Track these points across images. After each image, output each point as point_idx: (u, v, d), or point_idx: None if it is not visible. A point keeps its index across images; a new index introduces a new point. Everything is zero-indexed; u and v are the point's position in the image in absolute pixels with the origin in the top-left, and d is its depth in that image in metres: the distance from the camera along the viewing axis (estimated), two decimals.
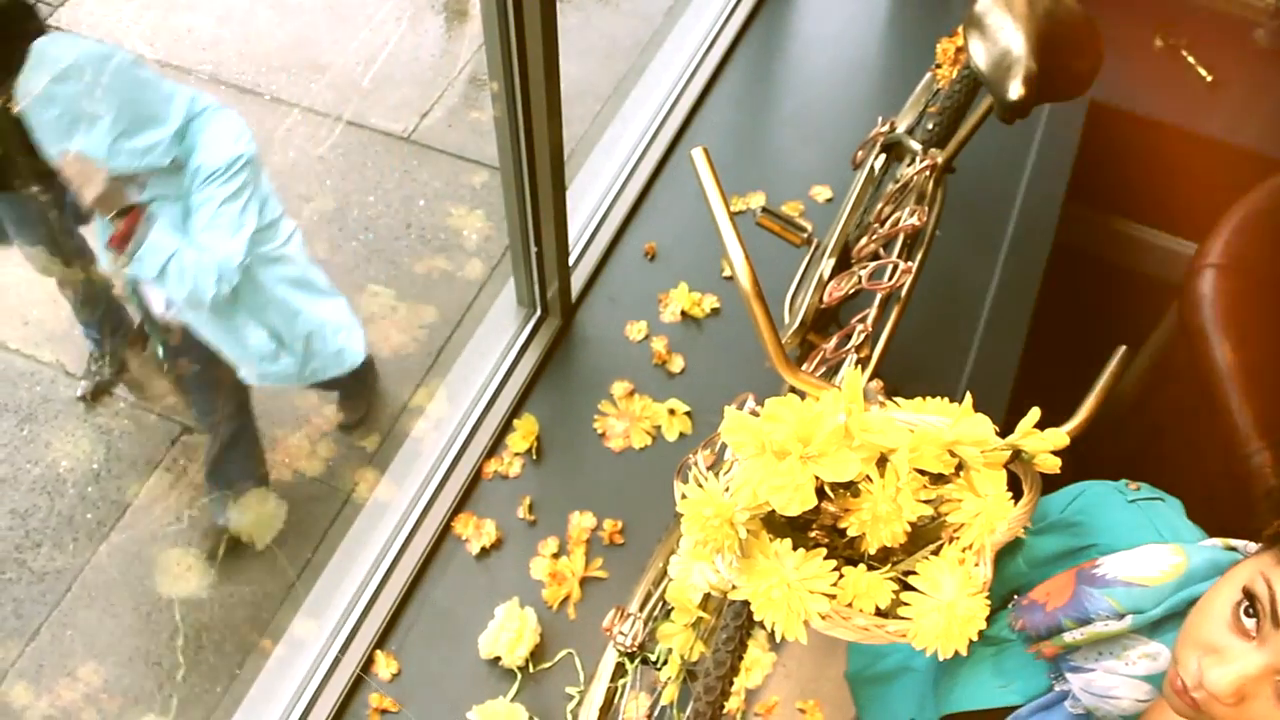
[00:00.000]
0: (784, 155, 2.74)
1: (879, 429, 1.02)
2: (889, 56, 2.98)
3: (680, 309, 2.38)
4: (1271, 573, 0.87)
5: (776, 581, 1.05)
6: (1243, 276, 2.23)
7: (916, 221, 1.65)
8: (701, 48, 2.90)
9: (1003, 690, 1.16)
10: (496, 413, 2.25)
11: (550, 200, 2.11)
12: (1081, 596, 1.10)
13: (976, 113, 1.80)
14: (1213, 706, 0.91)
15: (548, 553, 2.11)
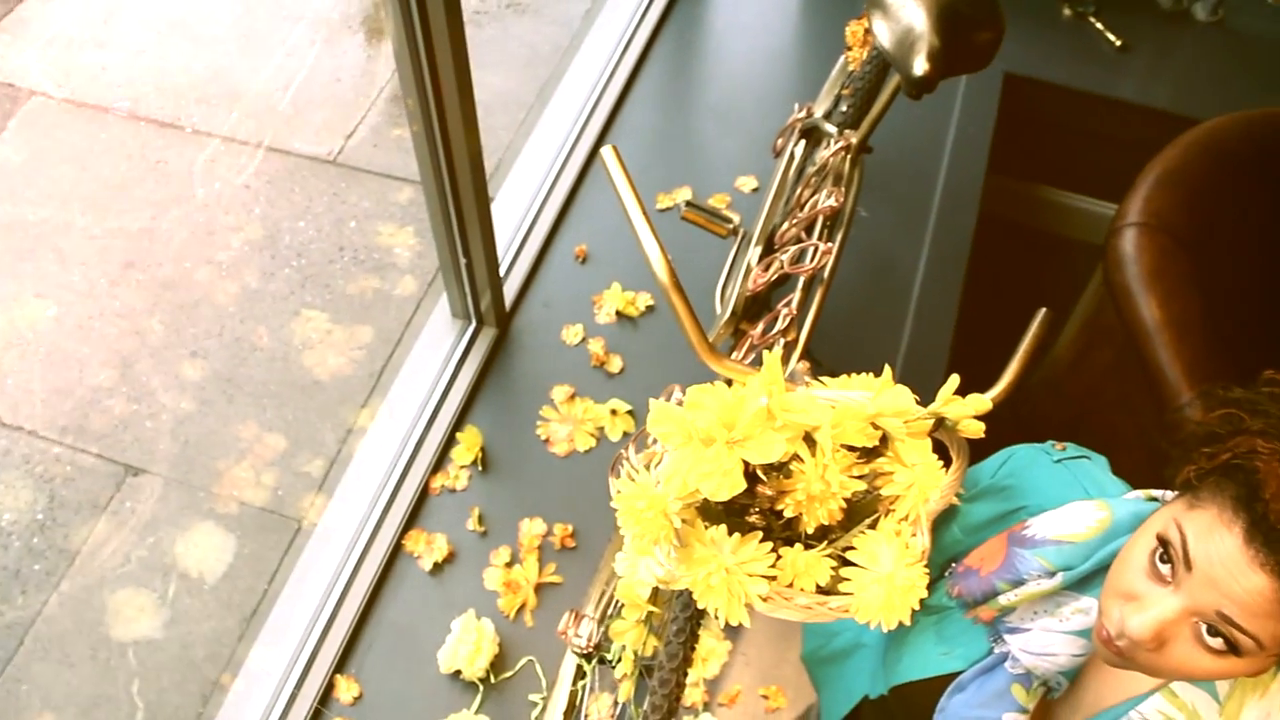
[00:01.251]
0: (707, 148, 2.76)
1: (801, 408, 1.03)
2: (805, 43, 3.01)
3: (615, 309, 2.39)
4: (1183, 518, 0.89)
5: (714, 568, 1.06)
6: (1163, 233, 2.26)
7: (834, 203, 1.66)
8: (617, 49, 2.91)
9: (945, 657, 1.18)
10: (439, 427, 2.25)
11: (475, 212, 2.11)
12: (1013, 558, 1.11)
13: (886, 91, 1.82)
14: (1137, 653, 0.93)
15: (500, 562, 2.11)
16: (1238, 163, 2.37)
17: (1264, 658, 0.88)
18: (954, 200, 2.63)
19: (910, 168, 2.70)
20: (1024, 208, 3.18)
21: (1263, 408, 0.89)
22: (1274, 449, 0.85)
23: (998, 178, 2.76)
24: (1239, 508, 0.84)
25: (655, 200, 2.63)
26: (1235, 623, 0.85)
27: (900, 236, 2.57)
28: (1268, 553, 0.82)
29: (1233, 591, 0.84)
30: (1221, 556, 0.85)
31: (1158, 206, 2.29)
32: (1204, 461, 0.90)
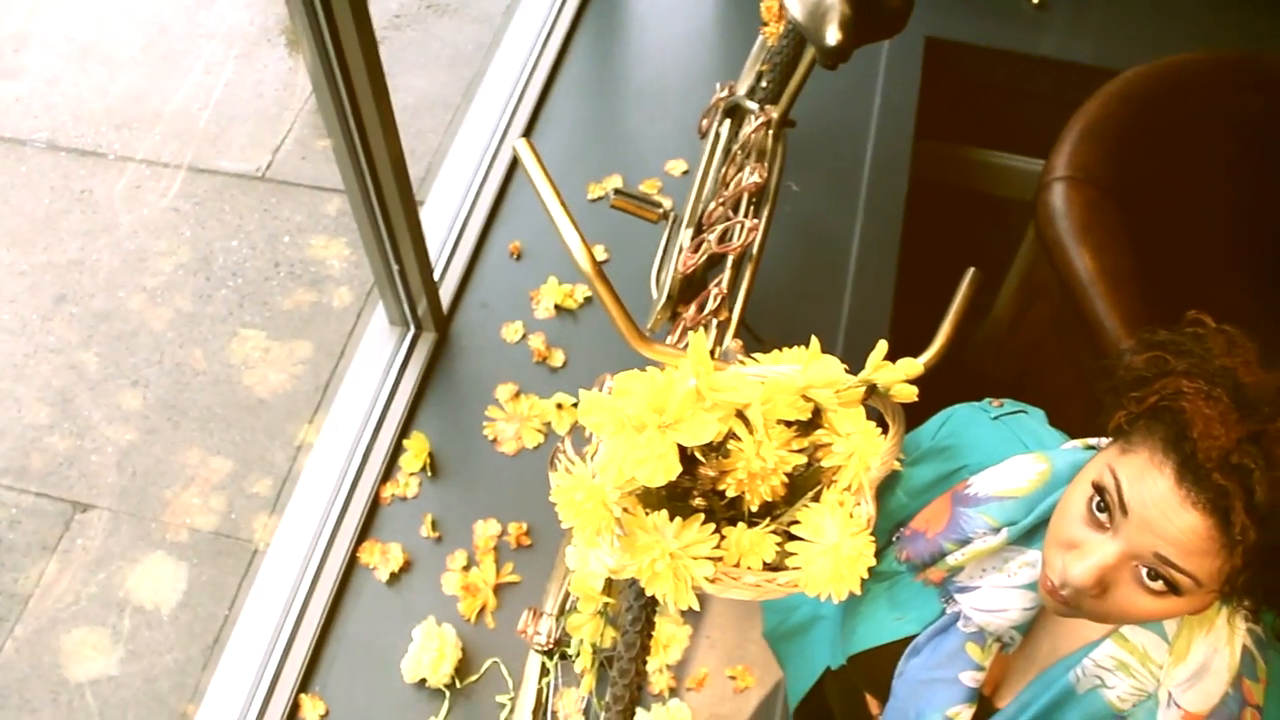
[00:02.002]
0: (636, 135, 2.75)
1: (730, 387, 1.02)
2: (725, 23, 3.00)
3: (553, 303, 2.38)
4: (1116, 464, 0.90)
5: (658, 554, 1.05)
6: (1090, 185, 2.28)
7: (758, 179, 1.66)
8: (538, 42, 2.89)
9: (899, 622, 1.18)
10: (385, 436, 2.23)
11: (403, 219, 2.10)
12: (958, 518, 1.12)
13: (803, 64, 1.82)
14: (1081, 600, 0.93)
15: (457, 566, 2.09)
16: (1157, 111, 2.39)
17: (1204, 595, 0.89)
18: (884, 168, 2.64)
19: (838, 139, 2.71)
20: (954, 170, 3.20)
21: (1186, 348, 0.90)
22: (1198, 388, 0.85)
23: (926, 142, 2.77)
24: (1169, 449, 0.85)
25: (586, 190, 2.61)
26: (1173, 563, 0.86)
27: (833, 208, 2.58)
28: (1199, 491, 0.82)
29: (1168, 532, 0.84)
30: (1155, 498, 0.85)
31: (1083, 159, 2.31)
32: (1133, 406, 0.90)
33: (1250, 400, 0.83)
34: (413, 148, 3.26)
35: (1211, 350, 0.88)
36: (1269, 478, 0.80)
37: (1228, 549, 0.82)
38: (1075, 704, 1.06)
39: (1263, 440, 0.81)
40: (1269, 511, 0.80)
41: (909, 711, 1.16)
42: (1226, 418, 0.82)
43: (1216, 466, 0.81)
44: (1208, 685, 1.01)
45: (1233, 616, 1.02)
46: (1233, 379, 0.85)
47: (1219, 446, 0.81)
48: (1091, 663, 1.05)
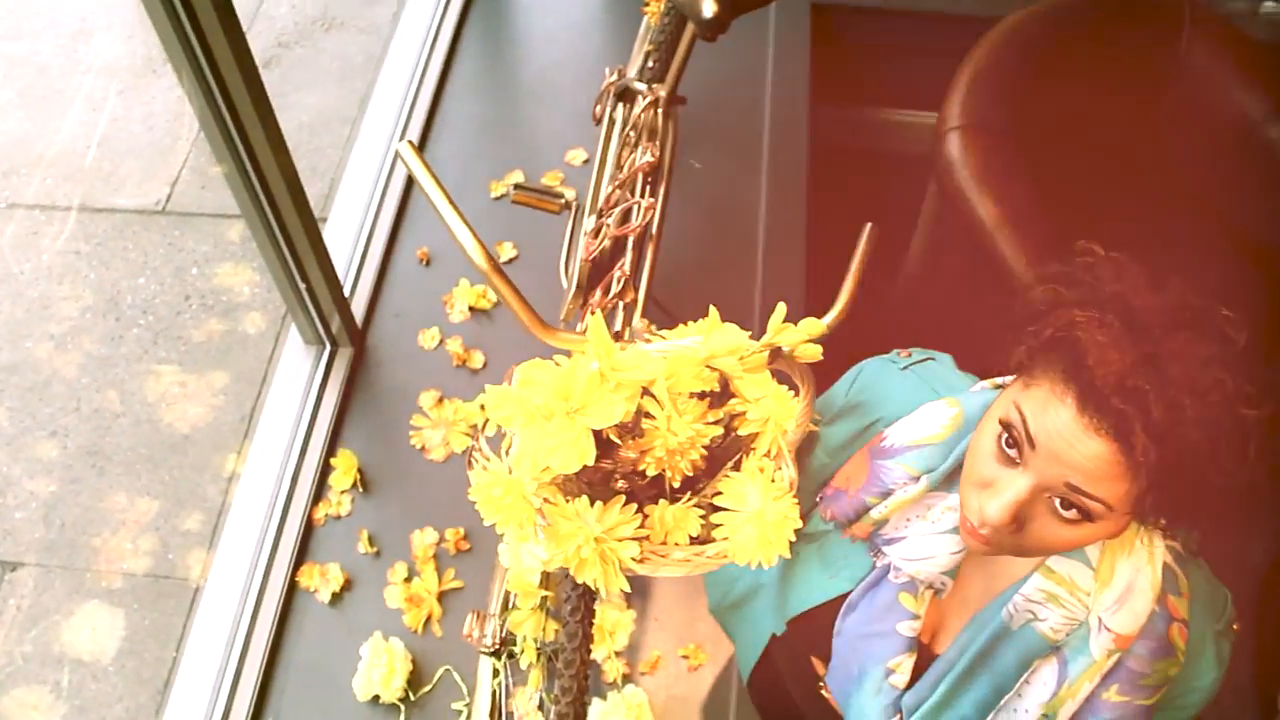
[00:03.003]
0: (534, 129, 2.73)
1: (633, 365, 1.02)
2: (612, 8, 2.99)
3: (467, 305, 2.36)
4: (1020, 399, 0.91)
5: (582, 540, 1.05)
6: (985, 132, 2.31)
7: (651, 158, 1.66)
8: (425, 46, 2.87)
9: (832, 581, 1.19)
10: (312, 457, 2.20)
11: (305, 238, 2.07)
12: (877, 471, 1.13)
13: (685, 40, 1.82)
14: (1000, 537, 0.94)
15: (399, 579, 2.07)
16: (1040, 53, 2.42)
17: (1117, 519, 0.90)
18: (783, 136, 2.65)
19: (736, 112, 2.72)
20: (854, 132, 3.22)
21: (1077, 278, 0.91)
22: (1091, 317, 0.86)
23: (823, 107, 2.78)
24: (1068, 379, 0.86)
25: (489, 189, 2.60)
26: (1083, 490, 0.87)
27: (737, 181, 2.59)
28: (1100, 418, 0.83)
29: (1075, 461, 0.86)
30: (1059, 429, 0.86)
31: (975, 106, 2.33)
32: (1031, 340, 0.92)
33: (1141, 323, 0.85)
34: (313, 165, 3.22)
35: (1101, 278, 0.90)
36: (1164, 397, 0.81)
37: (1133, 471, 0.84)
38: (1011, 640, 1.08)
39: (1156, 361, 0.82)
40: (1167, 430, 0.81)
41: (851, 668, 1.17)
42: (1120, 343, 0.84)
43: (1114, 392, 0.82)
44: (1134, 606, 1.03)
45: (1151, 536, 1.05)
46: (1123, 304, 0.86)
47: (1115, 372, 0.83)
48: (1022, 598, 1.06)
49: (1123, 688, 1.06)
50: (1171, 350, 0.83)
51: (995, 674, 1.08)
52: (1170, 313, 0.85)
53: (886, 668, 1.13)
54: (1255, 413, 0.82)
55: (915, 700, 1.12)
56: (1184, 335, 0.83)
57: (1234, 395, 0.82)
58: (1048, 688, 1.07)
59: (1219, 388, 0.81)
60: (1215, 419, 0.81)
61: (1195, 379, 0.81)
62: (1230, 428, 0.82)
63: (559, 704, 1.43)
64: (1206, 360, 0.82)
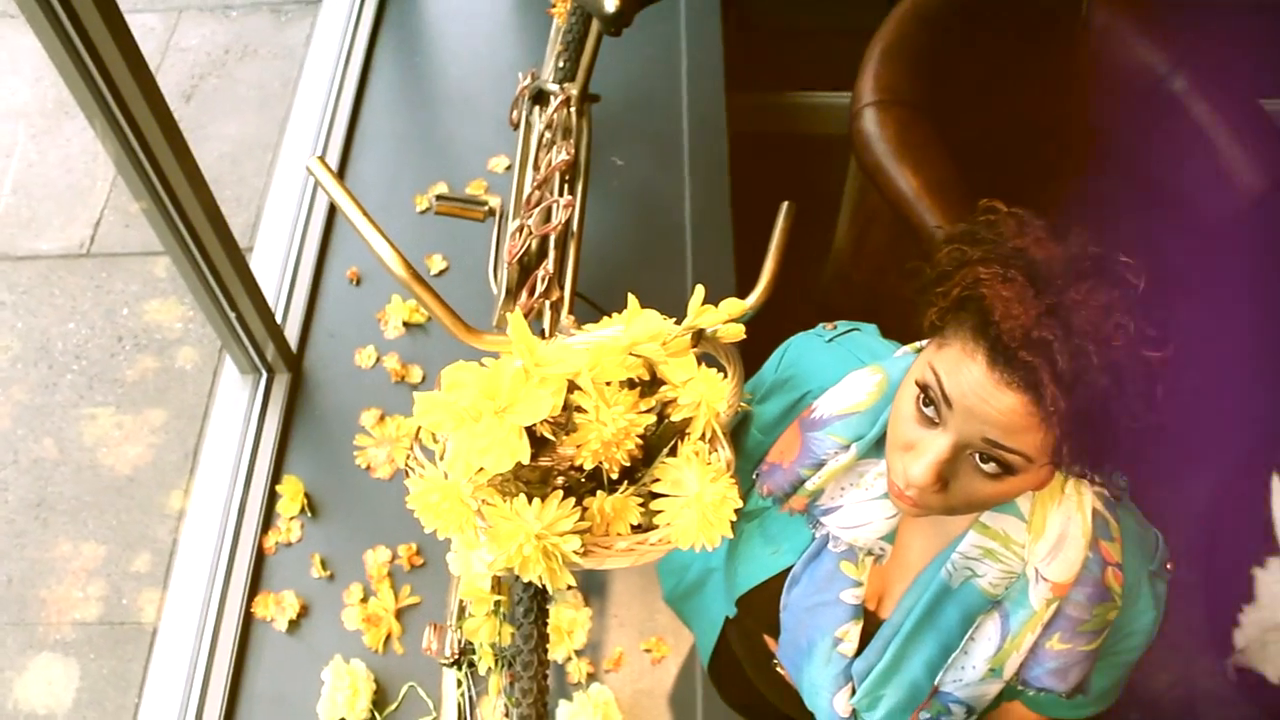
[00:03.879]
0: (454, 139, 2.73)
1: (556, 359, 1.03)
2: (522, 13, 2.99)
3: (401, 321, 2.36)
4: (934, 360, 0.92)
5: (523, 538, 1.05)
6: (898, 106, 2.33)
7: (566, 156, 1.66)
8: (339, 66, 2.85)
9: (775, 556, 1.20)
10: (257, 486, 2.18)
11: (229, 266, 2.06)
12: (809, 443, 1.14)
13: (591, 37, 1.83)
14: (928, 498, 0.96)
15: (355, 600, 2.06)
16: (947, 25, 2.46)
17: (1039, 469, 0.92)
18: (702, 127, 2.67)
19: (653, 106, 2.73)
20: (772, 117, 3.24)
21: (980, 236, 0.92)
22: (994, 273, 0.88)
23: (739, 95, 2.80)
24: (977, 336, 0.87)
25: (414, 203, 2.59)
26: (1001, 444, 0.89)
27: (660, 175, 2.60)
28: (1009, 371, 0.85)
29: (990, 416, 0.87)
30: (972, 386, 0.88)
31: (888, 81, 2.36)
32: (940, 301, 0.93)
33: (1043, 275, 0.86)
34: (238, 195, 3.20)
35: (1003, 234, 0.91)
36: (1069, 346, 0.83)
37: (1045, 421, 0.85)
38: (953, 599, 1.09)
39: (1059, 311, 0.84)
40: (1074, 378, 0.83)
41: (800, 640, 1.18)
42: (1023, 296, 0.85)
43: (1021, 345, 0.84)
44: (1068, 554, 1.05)
45: (1079, 485, 1.07)
46: (1025, 258, 0.88)
47: (1020, 325, 0.84)
48: (959, 556, 1.08)
49: (1064, 635, 1.08)
50: (1074, 300, 0.84)
51: (940, 633, 1.10)
52: (1071, 263, 0.86)
53: (834, 637, 1.14)
54: (1159, 355, 0.84)
55: (865, 666, 1.14)
56: (1085, 284, 0.85)
57: (1137, 339, 0.83)
58: (992, 642, 1.09)
59: (1122, 333, 0.83)
60: (1120, 364, 0.83)
61: (1098, 326, 0.83)
62: (1136, 371, 0.83)
63: (520, 706, 1.43)
64: (1108, 307, 0.84)
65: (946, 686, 1.12)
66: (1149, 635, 1.13)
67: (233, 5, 3.64)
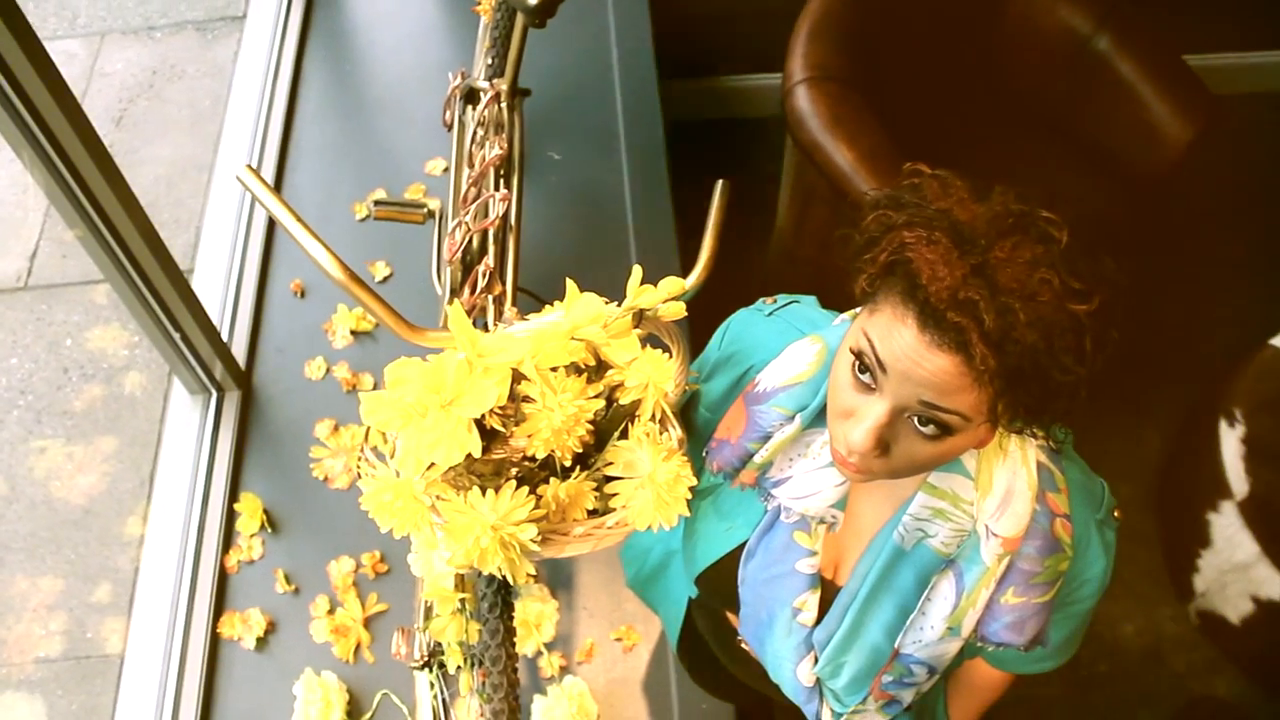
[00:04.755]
0: (389, 145, 2.72)
1: (498, 349, 1.03)
2: (450, 13, 2.98)
3: (348, 330, 2.35)
4: (867, 326, 0.93)
5: (480, 530, 1.05)
6: (830, 81, 2.35)
7: (500, 150, 1.66)
8: (268, 79, 2.83)
9: (729, 531, 1.21)
10: (215, 506, 2.17)
11: (171, 289, 2.04)
12: (754, 417, 1.15)
13: (517, 30, 1.83)
14: (871, 463, 0.97)
15: (322, 612, 2.05)
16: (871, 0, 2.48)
17: (977, 427, 0.93)
18: (637, 117, 2.68)
19: (587, 99, 2.73)
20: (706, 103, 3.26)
21: (904, 200, 0.93)
22: (920, 236, 0.88)
23: (672, 83, 2.81)
24: (906, 300, 0.88)
25: (353, 211, 2.57)
26: (937, 405, 0.90)
27: (598, 167, 2.60)
28: (939, 333, 0.86)
29: (924, 378, 0.88)
30: (905, 349, 0.89)
31: (817, 59, 2.38)
32: (869, 267, 0.94)
33: (967, 236, 0.87)
34: (176, 217, 3.17)
35: (927, 197, 0.92)
36: (995, 304, 0.84)
37: (978, 380, 0.86)
38: (907, 561, 1.11)
39: (985, 270, 0.85)
40: (1002, 335, 0.83)
41: (760, 613, 1.19)
42: (949, 258, 0.86)
43: (948, 306, 0.85)
44: (1016, 508, 1.07)
45: (1021, 440, 1.08)
46: (949, 219, 0.88)
47: (947, 286, 0.85)
48: (910, 518, 1.09)
49: (1018, 589, 1.09)
50: (998, 258, 0.85)
51: (897, 595, 1.11)
52: (994, 222, 0.87)
53: (793, 607, 1.15)
54: (1085, 307, 0.85)
55: (825, 634, 1.15)
56: (1009, 242, 0.86)
57: (1062, 293, 0.84)
58: (948, 601, 1.10)
59: (1046, 288, 0.84)
60: (1047, 318, 0.84)
61: (1023, 282, 0.84)
62: (1063, 325, 0.85)
63: (492, 701, 1.44)
64: (1032, 263, 0.85)
65: (907, 648, 1.13)
66: (1101, 583, 1.15)
67: (156, 26, 3.60)
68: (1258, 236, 3.24)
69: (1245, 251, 3.23)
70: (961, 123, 2.65)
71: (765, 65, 3.17)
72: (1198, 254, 3.21)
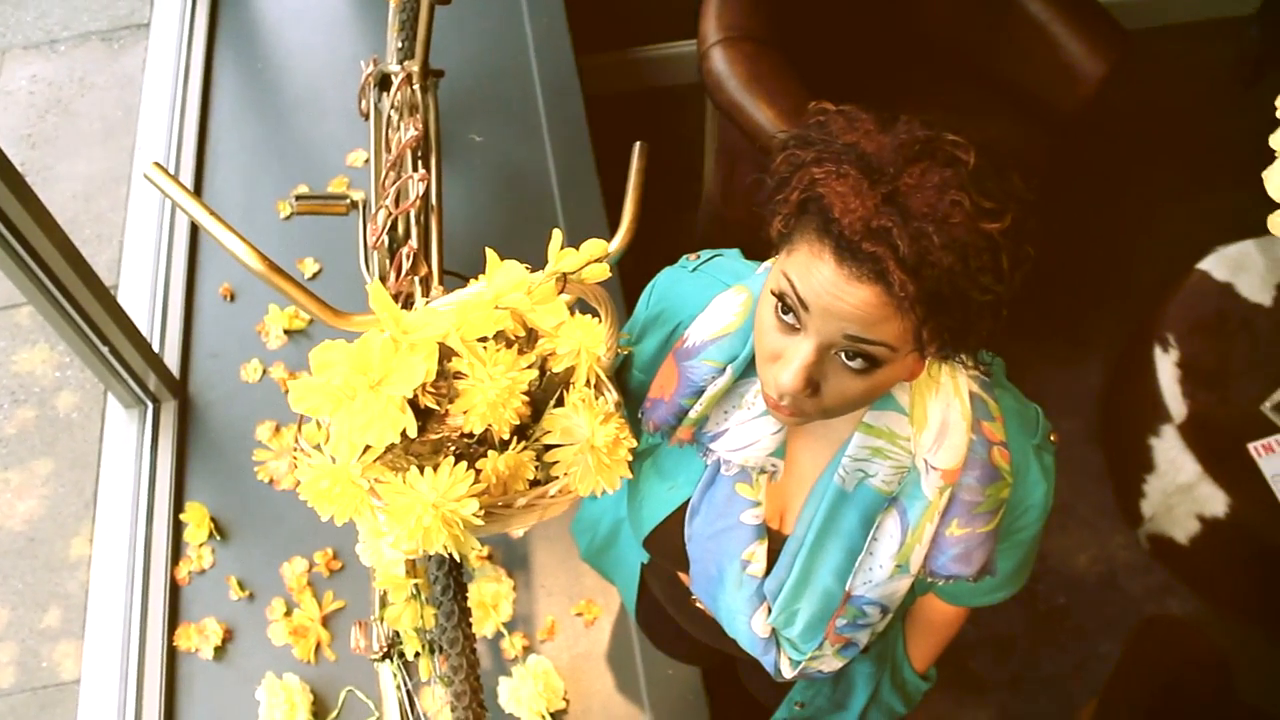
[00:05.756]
0: (309, 140, 2.68)
1: (423, 324, 1.02)
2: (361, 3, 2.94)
3: (281, 329, 2.32)
4: (786, 266, 0.93)
5: (421, 509, 1.04)
6: (746, 40, 2.35)
7: (415, 131, 1.65)
8: (179, 83, 2.78)
9: (672, 490, 1.20)
10: (161, 518, 2.13)
11: (96, 304, 2.00)
12: (685, 372, 1.14)
13: (424, 10, 1.81)
14: (802, 404, 0.97)
15: (279, 615, 2.03)
16: None
17: (905, 357, 0.93)
18: (556, 93, 2.66)
19: (505, 79, 2.71)
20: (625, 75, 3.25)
21: (811, 138, 0.93)
22: (828, 170, 0.89)
23: (589, 57, 2.80)
24: (821, 236, 0.88)
25: (277, 210, 2.54)
26: (862, 338, 0.90)
27: (520, 147, 2.58)
28: (856, 264, 0.86)
29: (846, 311, 0.88)
30: (824, 285, 0.89)
31: (729, 20, 2.38)
32: (783, 208, 0.94)
33: (875, 166, 0.87)
34: (98, 233, 3.11)
35: (833, 132, 0.92)
36: (909, 230, 0.84)
37: (899, 307, 0.87)
38: (850, 502, 1.11)
39: (895, 198, 0.85)
40: (918, 260, 0.84)
41: (710, 569, 1.19)
42: (859, 189, 0.86)
43: (863, 236, 0.85)
44: (952, 440, 1.07)
45: (952, 371, 1.09)
46: (856, 152, 0.89)
47: (859, 218, 0.85)
48: (849, 459, 1.09)
49: (962, 520, 1.10)
50: (908, 185, 0.85)
51: (844, 538, 1.12)
52: (900, 149, 0.87)
53: (741, 560, 1.16)
54: (998, 225, 0.86)
55: (776, 584, 1.15)
56: (917, 168, 0.86)
57: (974, 213, 0.85)
58: (894, 539, 1.11)
59: (958, 209, 0.84)
60: (962, 239, 0.84)
61: (934, 206, 0.84)
62: (978, 245, 0.85)
63: (453, 684, 1.43)
64: (941, 186, 0.85)
65: (858, 590, 1.14)
66: (1044, 508, 1.16)
67: (59, 39, 3.53)
68: (1179, 164, 3.29)
69: (1169, 179, 3.28)
70: (882, 74, 2.66)
71: (681, 33, 3.16)
72: (1124, 186, 3.26)
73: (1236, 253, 2.61)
